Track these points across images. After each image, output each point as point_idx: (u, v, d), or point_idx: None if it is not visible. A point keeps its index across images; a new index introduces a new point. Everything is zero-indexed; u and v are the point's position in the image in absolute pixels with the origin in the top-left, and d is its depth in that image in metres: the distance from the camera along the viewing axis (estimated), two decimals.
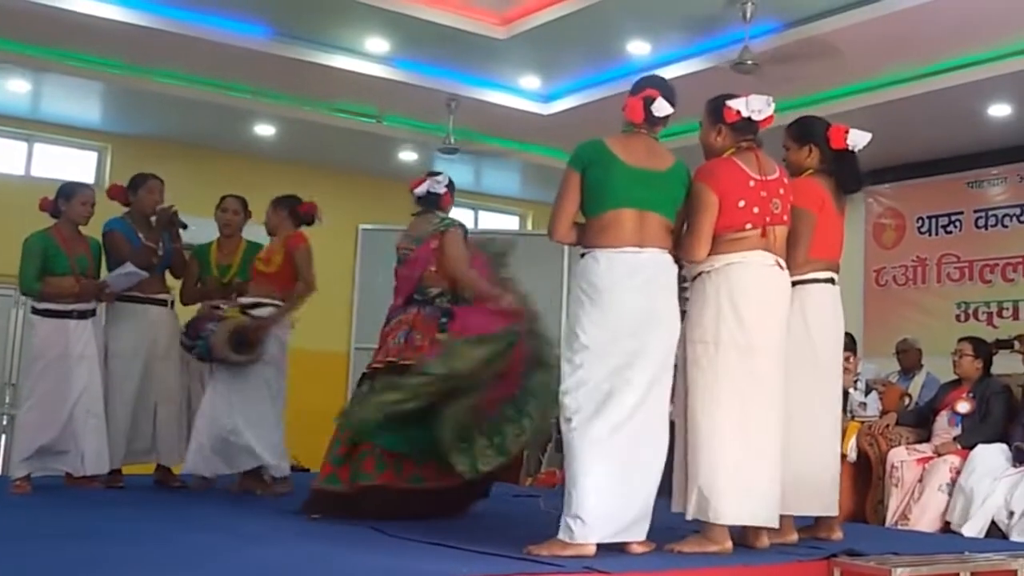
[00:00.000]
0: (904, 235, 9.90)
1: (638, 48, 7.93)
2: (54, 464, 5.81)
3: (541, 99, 9.12)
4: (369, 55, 8.33)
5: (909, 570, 3.56)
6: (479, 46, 7.98)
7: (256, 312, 5.94)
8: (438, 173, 5.49)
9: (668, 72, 7.87)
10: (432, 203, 5.37)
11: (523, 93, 9.06)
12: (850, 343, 8.08)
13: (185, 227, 6.38)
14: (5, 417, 9.17)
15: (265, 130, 9.71)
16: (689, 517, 3.92)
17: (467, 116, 9.04)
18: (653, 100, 3.98)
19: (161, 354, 6.18)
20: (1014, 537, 5.55)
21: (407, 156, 10.41)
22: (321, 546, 3.87)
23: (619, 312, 3.78)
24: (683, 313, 4.03)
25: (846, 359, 7.49)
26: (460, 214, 12.19)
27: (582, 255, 3.93)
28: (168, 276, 6.44)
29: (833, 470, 4.41)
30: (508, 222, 12.42)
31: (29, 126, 9.53)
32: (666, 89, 4.05)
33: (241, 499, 5.69)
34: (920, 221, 9.79)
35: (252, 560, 3.50)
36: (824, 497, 4.35)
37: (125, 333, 6.12)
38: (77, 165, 9.91)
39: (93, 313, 5.95)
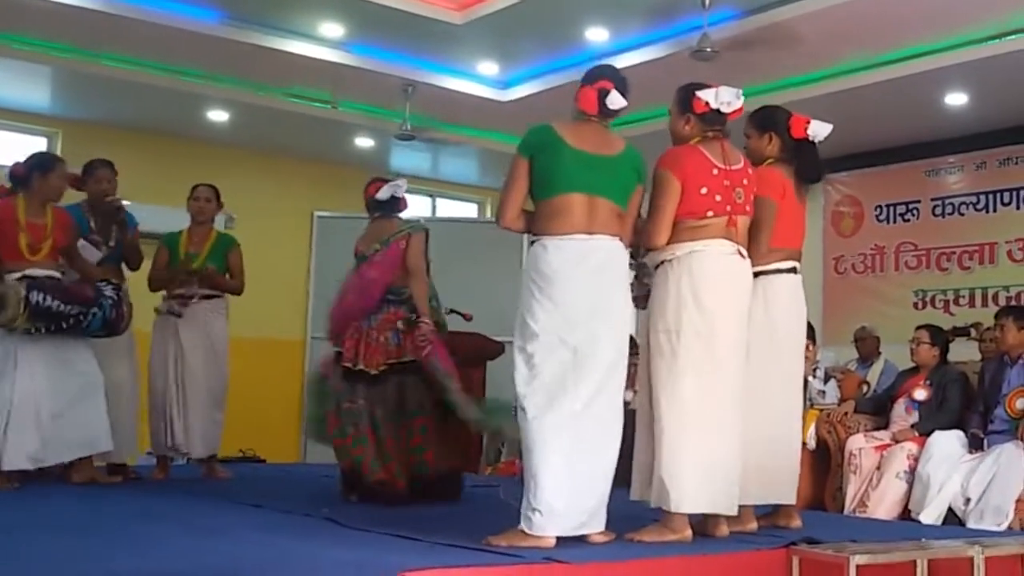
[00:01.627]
0: (862, 223, 9.97)
1: (596, 35, 7.89)
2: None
3: (499, 85, 9.06)
4: (323, 39, 8.22)
5: (866, 557, 3.58)
6: (436, 31, 7.90)
7: None
8: (391, 179, 5.72)
9: (627, 59, 7.88)
10: (393, 207, 5.57)
11: (481, 79, 8.99)
12: (809, 331, 8.12)
13: (136, 224, 6.31)
14: None
15: (218, 116, 9.56)
16: (653, 505, 3.91)
17: (424, 102, 8.97)
18: (608, 92, 3.93)
19: (111, 346, 6.05)
20: (971, 524, 5.59)
21: (363, 142, 10.31)
22: (279, 538, 3.82)
23: (569, 300, 3.73)
24: (635, 299, 4.06)
25: (805, 347, 7.57)
26: (417, 201, 12.16)
27: (531, 243, 3.89)
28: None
29: (793, 459, 4.44)
30: (466, 209, 12.35)
31: None
32: (620, 81, 4.01)
33: (196, 492, 5.58)
34: (878, 209, 9.86)
35: (209, 553, 3.46)
36: (784, 485, 4.37)
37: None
38: (27, 150, 9.68)
39: None
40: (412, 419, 5.20)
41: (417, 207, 12.03)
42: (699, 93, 4.09)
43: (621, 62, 7.93)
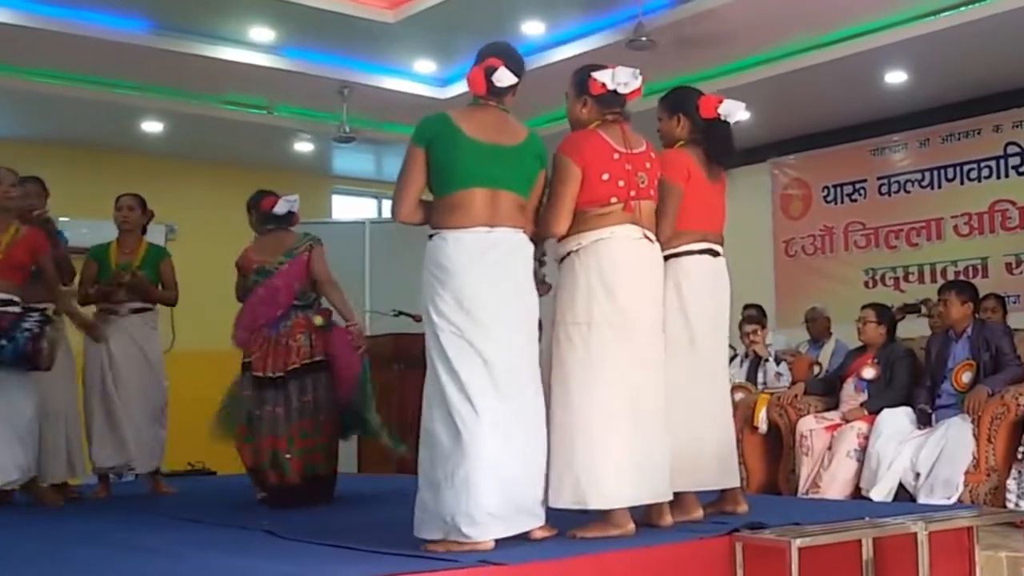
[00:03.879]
0: (811, 205, 10.00)
1: (533, 28, 7.89)
2: None
3: (437, 83, 9.04)
4: (255, 45, 8.17)
5: (808, 540, 3.55)
6: (369, 31, 7.86)
7: None
8: (283, 194, 5.91)
9: (563, 52, 7.90)
10: (288, 221, 5.83)
11: (418, 77, 8.97)
12: (759, 315, 8.15)
13: (66, 240, 6.21)
14: None
15: (152, 126, 9.46)
16: (563, 506, 3.78)
17: (362, 103, 8.92)
18: (494, 70, 3.80)
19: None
20: (921, 499, 5.61)
21: (303, 147, 10.26)
22: (217, 554, 3.76)
23: (472, 294, 3.62)
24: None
25: (753, 332, 7.59)
26: (362, 203, 12.09)
27: (430, 236, 3.76)
28: None
29: (726, 442, 4.35)
30: None
31: None
32: (510, 57, 3.87)
33: (137, 509, 5.50)
34: (826, 190, 9.90)
35: (151, 572, 3.44)
36: (719, 470, 4.29)
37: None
38: None
39: None
40: (316, 416, 5.43)
41: (362, 208, 11.99)
42: (595, 74, 3.97)
43: (558, 55, 7.96)
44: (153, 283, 6.37)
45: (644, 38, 7.04)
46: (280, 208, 5.74)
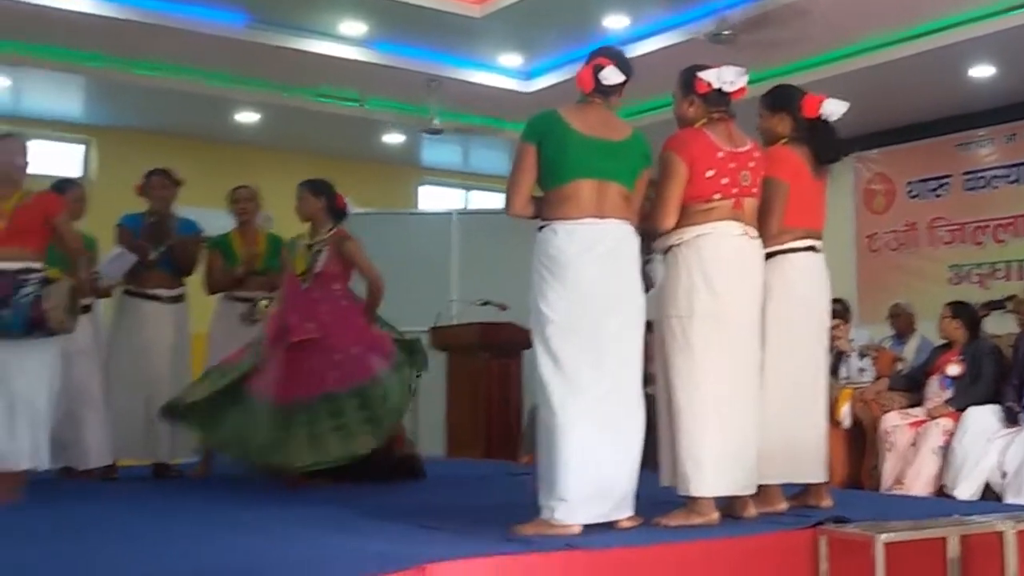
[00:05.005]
0: (894, 200, 9.91)
1: (616, 22, 7.93)
2: (56, 458, 5.66)
3: (522, 76, 9.14)
4: (347, 38, 8.34)
5: (894, 535, 3.53)
6: (456, 25, 7.98)
7: None
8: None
9: (646, 46, 7.91)
10: (343, 219, 6.02)
11: (504, 71, 9.08)
12: (843, 310, 8.10)
13: (191, 228, 6.37)
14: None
15: (248, 117, 9.71)
16: (678, 493, 3.91)
17: (449, 96, 9.06)
18: (602, 68, 3.89)
19: (155, 348, 6.19)
20: (1008, 498, 5.57)
21: (392, 139, 10.42)
22: (308, 532, 3.86)
23: (582, 285, 3.71)
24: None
25: (835, 326, 7.55)
26: (449, 194, 12.24)
27: (540, 228, 3.84)
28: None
29: (818, 437, 4.38)
30: (498, 201, 12.36)
31: (12, 122, 9.44)
32: (618, 58, 3.97)
33: (233, 488, 5.63)
34: (910, 186, 9.80)
35: (236, 550, 3.49)
36: (809, 464, 4.33)
37: (125, 327, 6.20)
38: (64, 159, 9.91)
39: (89, 308, 5.90)
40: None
41: (449, 200, 12.13)
42: (701, 74, 4.05)
43: (640, 49, 7.98)
44: (276, 271, 6.56)
45: (726, 32, 7.05)
46: (350, 208, 5.98)
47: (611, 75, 3.90)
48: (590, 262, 3.74)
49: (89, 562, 3.29)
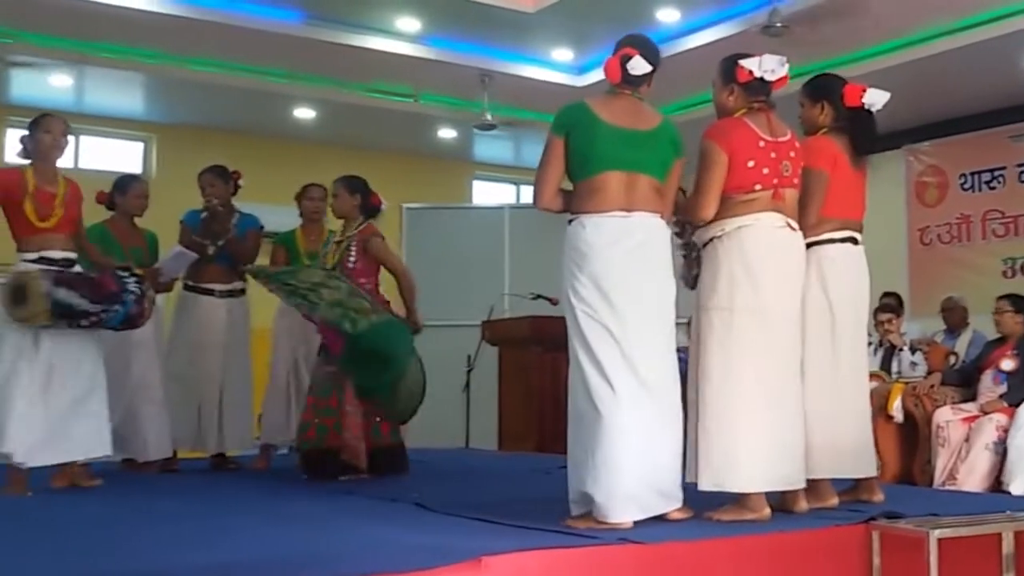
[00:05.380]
0: (947, 192, 9.81)
1: (668, 16, 7.94)
2: (116, 450, 5.79)
3: (574, 71, 9.17)
4: (401, 34, 8.43)
5: (948, 531, 3.51)
6: (509, 20, 8.03)
7: None
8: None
9: (697, 39, 7.93)
10: (376, 216, 6.07)
11: (556, 66, 9.12)
12: (897, 304, 8.07)
13: (252, 222, 6.45)
14: None
15: (305, 113, 9.84)
16: (703, 488, 3.87)
17: (502, 91, 9.12)
18: (629, 58, 3.86)
19: (216, 342, 6.31)
20: None
21: (446, 133, 10.50)
22: (366, 524, 3.91)
23: (609, 278, 3.69)
24: (684, 280, 4.04)
25: (888, 320, 7.53)
26: (502, 189, 12.31)
27: (569, 221, 3.84)
28: None
29: (864, 431, 4.36)
30: None
31: (74, 119, 9.49)
32: (645, 47, 3.94)
33: (291, 481, 5.71)
34: (963, 178, 9.70)
35: (296, 541, 3.55)
36: (857, 458, 4.30)
37: (185, 321, 6.31)
38: (124, 156, 10.09)
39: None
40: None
41: (502, 194, 12.20)
42: (742, 62, 4.00)
43: (692, 42, 8.01)
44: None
45: (778, 24, 7.03)
46: (384, 206, 6.05)
47: (638, 65, 3.88)
48: (618, 255, 3.72)
49: (144, 551, 3.36)
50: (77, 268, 5.16)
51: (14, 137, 9.63)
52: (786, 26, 7.02)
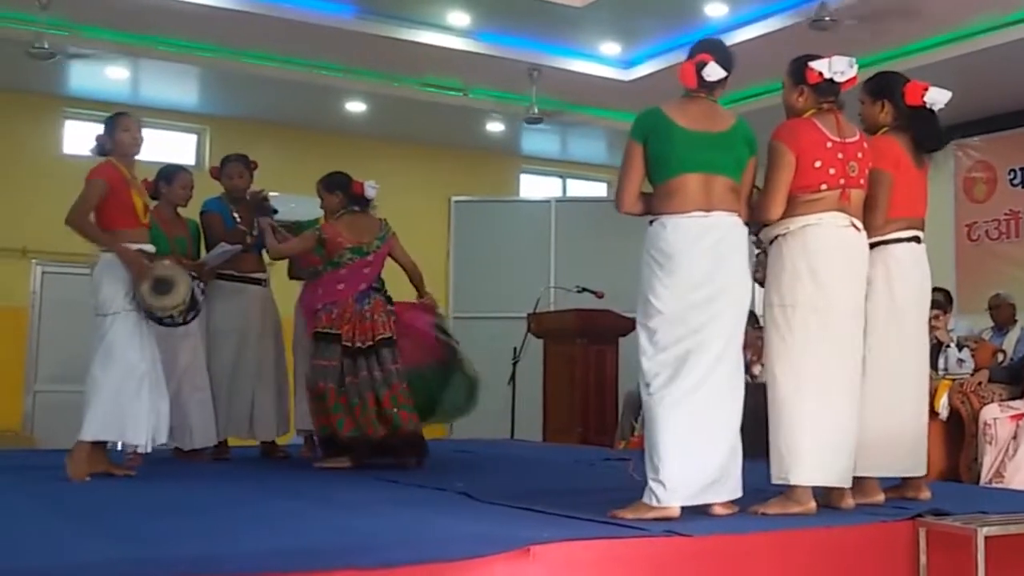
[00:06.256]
0: (996, 188, 9.74)
1: (716, 10, 7.94)
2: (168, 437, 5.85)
3: (622, 65, 9.19)
4: (452, 29, 8.50)
5: (995, 529, 3.51)
6: (558, 15, 8.07)
7: None
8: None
9: (745, 33, 7.90)
10: (368, 204, 6.09)
11: (604, 60, 9.15)
12: (945, 300, 8.01)
13: (275, 212, 6.47)
14: None
15: (356, 107, 9.94)
16: (772, 480, 3.95)
17: (550, 85, 9.16)
18: (704, 65, 3.93)
19: (258, 330, 6.39)
20: None
21: (494, 127, 10.56)
22: (413, 512, 3.95)
23: (689, 276, 3.78)
24: (755, 276, 4.04)
25: (935, 317, 7.46)
26: (548, 182, 12.36)
27: (651, 222, 3.93)
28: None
29: (919, 430, 4.37)
30: (595, 189, 12.49)
31: (130, 111, 9.77)
32: (720, 52, 4.00)
33: (342, 471, 5.71)
34: (1012, 173, 9.61)
35: (342, 527, 3.59)
36: (910, 457, 4.31)
37: (222, 310, 6.32)
38: (177, 147, 10.23)
39: None
40: (403, 382, 5.81)
41: (548, 188, 12.24)
42: (812, 64, 4.04)
43: (740, 36, 7.97)
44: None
45: (827, 18, 7.01)
46: (369, 192, 6.02)
47: (713, 72, 3.94)
48: (698, 255, 3.80)
49: (196, 538, 3.37)
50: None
51: (73, 128, 9.98)
52: (834, 20, 7.00)
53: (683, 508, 3.72)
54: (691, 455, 3.73)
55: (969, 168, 9.93)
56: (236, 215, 6.38)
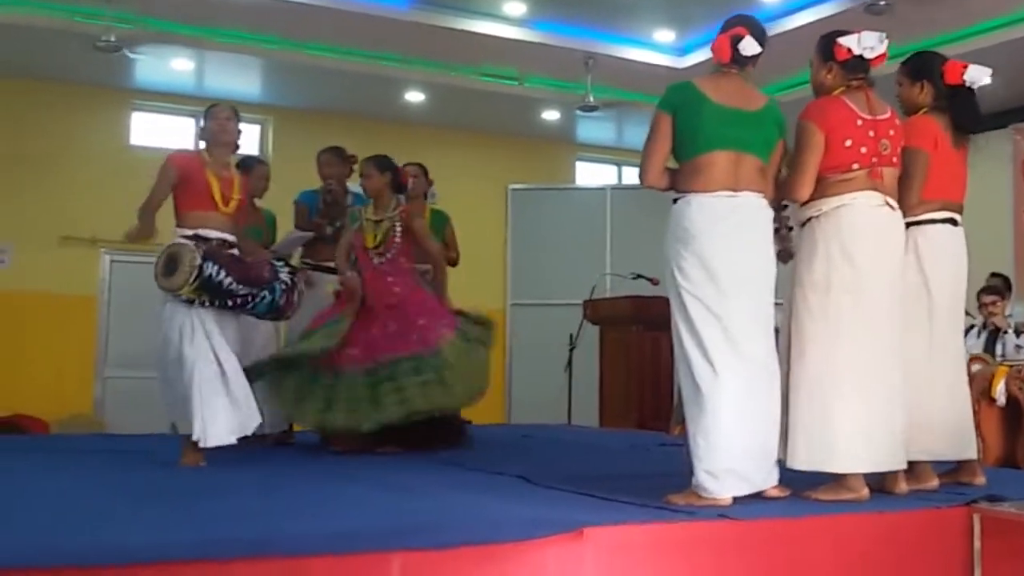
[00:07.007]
0: None
1: None
2: None
3: (676, 52, 9.22)
4: (508, 18, 8.58)
5: None
6: (612, 3, 8.13)
7: None
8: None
9: (800, 18, 7.88)
10: (404, 196, 6.21)
11: (658, 47, 9.18)
12: (1003, 286, 7.93)
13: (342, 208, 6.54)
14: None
15: (415, 97, 10.06)
16: (798, 467, 3.88)
17: (604, 73, 9.21)
18: (740, 39, 3.85)
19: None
20: None
21: (550, 115, 10.61)
22: (470, 495, 3.98)
23: (714, 257, 3.72)
24: (779, 255, 3.99)
25: (992, 303, 7.41)
26: (604, 170, 12.38)
27: (675, 200, 3.86)
28: None
29: (964, 412, 4.31)
30: None
31: (195, 103, 9.97)
32: (755, 27, 3.92)
33: (403, 455, 5.74)
34: None
35: (397, 510, 3.62)
36: (956, 440, 4.25)
37: (308, 298, 6.23)
38: (241, 138, 10.35)
39: None
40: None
41: (603, 175, 12.28)
42: (840, 40, 3.98)
43: (794, 22, 7.95)
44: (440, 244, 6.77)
45: (883, 2, 6.95)
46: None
47: (749, 46, 3.86)
48: (722, 234, 3.74)
49: (266, 517, 3.45)
50: (235, 252, 5.22)
51: (140, 120, 10.20)
52: (889, 4, 6.93)
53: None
54: (742, 443, 3.70)
55: None
56: (320, 207, 6.50)
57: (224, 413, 4.95)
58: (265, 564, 2.75)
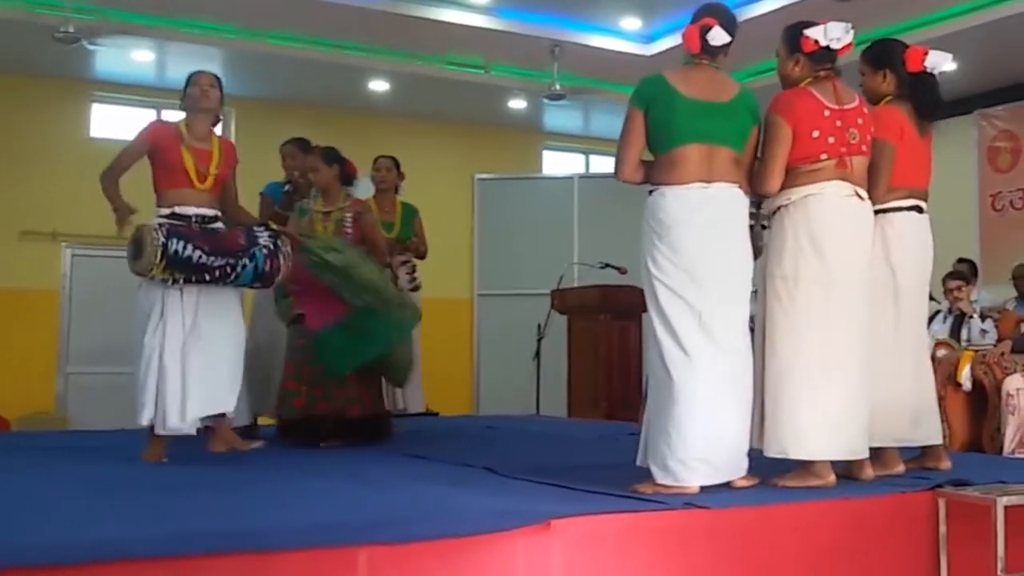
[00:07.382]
0: (1020, 158, 9.61)
1: None
2: None
3: (643, 40, 9.20)
4: (473, 6, 8.54)
5: (1015, 499, 3.51)
6: None
7: None
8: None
9: (767, 5, 7.87)
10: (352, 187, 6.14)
11: (624, 35, 9.16)
12: (969, 271, 7.99)
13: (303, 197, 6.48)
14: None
15: (379, 86, 9.99)
16: (769, 454, 3.92)
17: (571, 61, 9.18)
18: (709, 29, 3.88)
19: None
20: None
21: (516, 104, 10.58)
22: (436, 487, 3.97)
23: (689, 248, 3.75)
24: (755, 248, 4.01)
25: (958, 288, 7.47)
26: (571, 159, 12.37)
27: (650, 192, 3.89)
28: None
29: (925, 398, 4.35)
30: None
31: (156, 94, 9.93)
32: (724, 16, 3.94)
33: (368, 448, 5.73)
34: None
35: (366, 502, 3.62)
36: (920, 425, 4.29)
37: (261, 291, 6.27)
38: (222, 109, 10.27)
39: None
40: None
41: (571, 164, 12.26)
42: (807, 31, 4.00)
43: (762, 8, 7.95)
44: (409, 238, 6.77)
45: None
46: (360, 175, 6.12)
47: (718, 36, 3.89)
48: (697, 226, 3.77)
49: (234, 512, 3.43)
50: (219, 225, 5.07)
51: (100, 112, 10.07)
52: None
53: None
54: (712, 433, 3.72)
55: (993, 137, 9.81)
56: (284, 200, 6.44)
57: (179, 402, 4.85)
58: (232, 559, 2.73)
